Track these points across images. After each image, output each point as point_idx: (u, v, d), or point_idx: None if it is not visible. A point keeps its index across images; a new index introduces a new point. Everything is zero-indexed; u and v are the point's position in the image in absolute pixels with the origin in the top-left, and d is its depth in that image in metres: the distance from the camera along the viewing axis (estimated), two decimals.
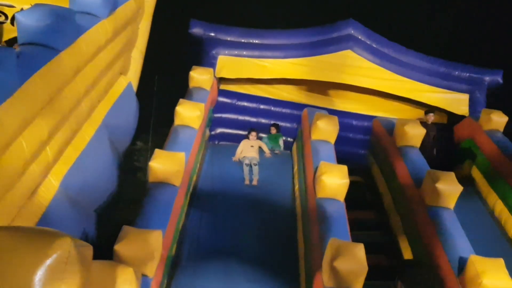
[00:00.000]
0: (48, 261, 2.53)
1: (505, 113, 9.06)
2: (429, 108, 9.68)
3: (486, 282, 5.09)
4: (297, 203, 7.58)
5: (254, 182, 7.95)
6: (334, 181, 6.38)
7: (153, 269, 4.79)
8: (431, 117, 9.44)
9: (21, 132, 4.61)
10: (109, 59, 7.28)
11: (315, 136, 7.73)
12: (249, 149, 8.27)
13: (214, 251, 6.46)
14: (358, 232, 6.50)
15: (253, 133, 8.26)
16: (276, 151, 9.28)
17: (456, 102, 10.07)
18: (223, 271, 6.09)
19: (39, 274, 2.50)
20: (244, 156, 8.21)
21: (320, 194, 6.41)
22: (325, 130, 7.70)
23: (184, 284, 5.83)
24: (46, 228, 2.97)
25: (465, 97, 10.07)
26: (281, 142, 9.52)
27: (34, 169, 4.96)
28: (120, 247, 4.57)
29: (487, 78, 10.19)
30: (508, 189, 7.78)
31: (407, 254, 6.84)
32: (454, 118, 10.19)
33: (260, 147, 8.72)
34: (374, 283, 6.25)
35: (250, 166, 8.04)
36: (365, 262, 4.95)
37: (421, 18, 12.91)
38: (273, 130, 9.61)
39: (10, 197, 4.59)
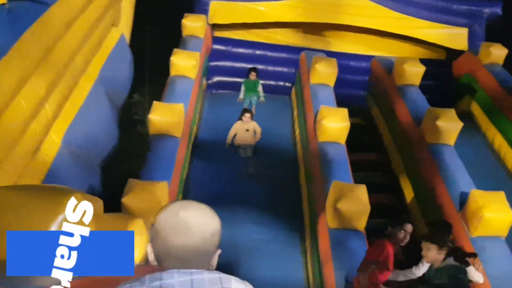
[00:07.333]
0: (61, 218, 2.57)
1: (505, 45, 8.93)
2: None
3: (487, 215, 5.16)
4: (298, 148, 7.63)
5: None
6: (334, 124, 6.41)
7: None
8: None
9: (19, 91, 4.57)
10: (100, 11, 7.09)
11: (314, 80, 7.67)
12: (244, 134, 7.44)
13: (219, 198, 6.54)
14: (359, 173, 6.58)
15: (247, 115, 7.41)
16: (261, 99, 8.91)
17: (455, 37, 9.88)
18: (229, 217, 6.19)
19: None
20: (239, 145, 7.44)
21: (321, 138, 6.45)
22: (324, 73, 7.64)
23: None
24: (55, 185, 3.00)
25: (464, 31, 9.87)
26: (260, 88, 9.04)
27: (34, 127, 4.95)
28: (127, 200, 4.66)
29: (486, 10, 9.95)
30: (508, 123, 7.80)
31: (408, 192, 6.96)
32: (452, 54, 10.06)
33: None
34: (377, 221, 6.43)
35: (247, 159, 7.42)
36: (367, 202, 5.06)
37: None
38: (253, 76, 9.00)
39: (13, 156, 4.60)
